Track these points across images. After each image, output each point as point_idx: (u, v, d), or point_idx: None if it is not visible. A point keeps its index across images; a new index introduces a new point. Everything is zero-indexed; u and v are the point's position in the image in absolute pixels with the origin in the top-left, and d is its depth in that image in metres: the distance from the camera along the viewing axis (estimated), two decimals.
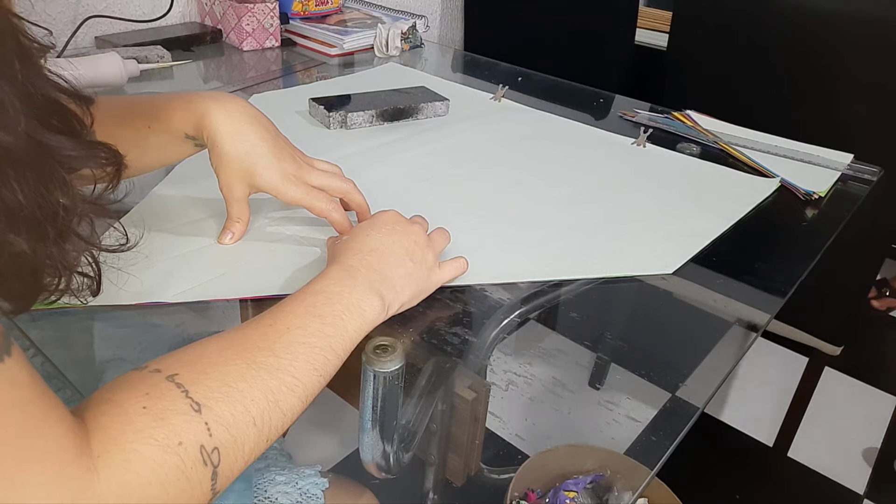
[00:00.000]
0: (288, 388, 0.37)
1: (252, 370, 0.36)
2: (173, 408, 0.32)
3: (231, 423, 0.33)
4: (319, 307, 0.43)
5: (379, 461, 0.49)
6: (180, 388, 0.33)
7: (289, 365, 0.38)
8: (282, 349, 0.38)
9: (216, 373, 0.35)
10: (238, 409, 0.34)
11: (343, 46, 1.22)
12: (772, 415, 1.55)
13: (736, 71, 1.18)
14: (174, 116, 0.57)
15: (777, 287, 0.65)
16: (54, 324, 0.54)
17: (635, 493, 0.50)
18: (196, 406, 0.32)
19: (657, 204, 0.77)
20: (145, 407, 0.32)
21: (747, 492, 1.40)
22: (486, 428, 0.50)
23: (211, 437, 0.32)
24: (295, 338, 0.40)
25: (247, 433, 0.34)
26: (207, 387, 0.34)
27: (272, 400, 0.36)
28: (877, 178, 0.89)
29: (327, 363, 0.41)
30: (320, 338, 0.41)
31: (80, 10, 1.11)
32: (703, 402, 0.53)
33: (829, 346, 1.23)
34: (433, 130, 0.92)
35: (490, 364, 0.54)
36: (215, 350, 0.37)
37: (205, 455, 0.32)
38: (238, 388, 0.35)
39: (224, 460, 0.33)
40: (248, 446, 0.34)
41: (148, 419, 0.31)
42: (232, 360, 0.36)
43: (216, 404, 0.33)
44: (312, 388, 0.39)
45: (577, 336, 0.61)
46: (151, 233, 0.64)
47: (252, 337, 0.39)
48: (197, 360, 0.36)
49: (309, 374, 0.39)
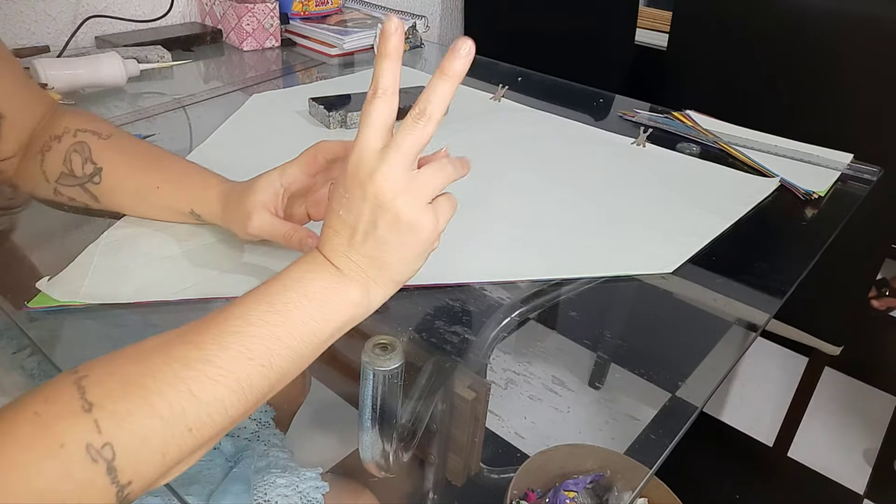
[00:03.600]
0: (209, 377, 0.36)
1: (165, 365, 0.36)
2: (63, 410, 0.32)
3: (125, 417, 0.33)
4: (271, 295, 0.40)
5: (378, 460, 0.49)
6: (80, 391, 0.33)
7: (212, 355, 0.36)
8: (209, 340, 0.37)
9: (123, 372, 0.35)
10: (135, 404, 0.34)
11: (343, 46, 1.22)
12: (772, 415, 1.55)
13: (736, 71, 1.18)
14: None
15: (776, 287, 0.65)
16: (54, 323, 0.54)
17: (635, 493, 0.50)
18: (87, 406, 0.33)
19: (657, 204, 0.77)
20: (37, 412, 0.32)
21: (747, 492, 1.40)
22: (486, 427, 0.50)
23: (100, 434, 0.32)
24: (230, 327, 0.38)
25: (149, 426, 0.34)
26: (106, 386, 0.34)
27: (184, 390, 0.35)
28: (877, 178, 0.89)
29: (270, 352, 0.38)
30: (260, 326, 0.38)
31: (80, 10, 1.11)
32: (702, 402, 0.53)
33: (829, 346, 1.23)
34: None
35: (490, 363, 0.54)
36: (140, 349, 0.37)
37: (93, 452, 0.32)
38: (141, 383, 0.34)
39: (122, 453, 0.33)
40: (156, 440, 0.34)
41: (34, 427, 0.32)
42: (147, 355, 0.36)
43: (110, 402, 0.33)
44: (250, 379, 0.37)
45: (576, 335, 0.61)
46: (151, 231, 0.64)
47: (188, 333, 0.38)
48: (113, 360, 0.36)
49: (242, 363, 0.37)
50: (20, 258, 0.64)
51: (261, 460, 0.61)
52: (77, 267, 0.58)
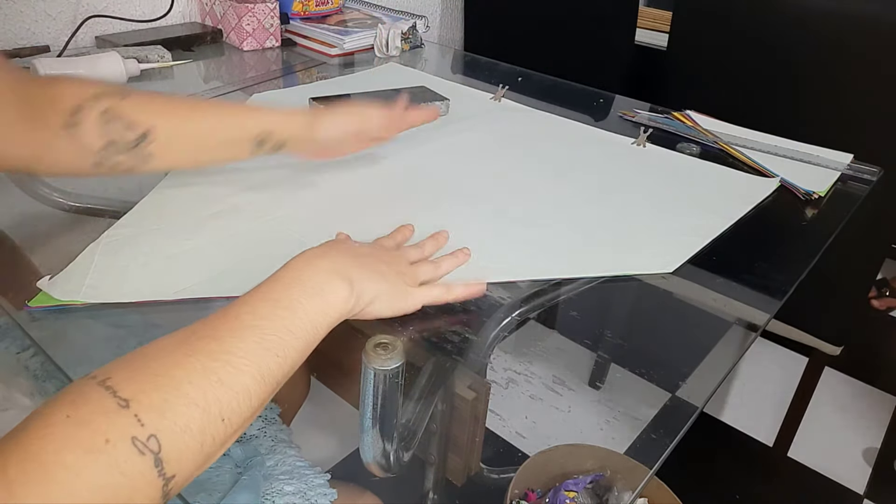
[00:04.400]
0: (234, 367, 0.37)
1: (189, 357, 0.36)
2: (98, 409, 0.32)
3: (165, 408, 0.33)
4: (275, 292, 0.43)
5: (379, 460, 0.49)
6: (109, 391, 0.33)
7: (233, 347, 0.38)
8: (226, 334, 0.38)
9: (148, 369, 0.35)
10: (172, 394, 0.34)
11: (343, 46, 1.22)
12: (772, 415, 1.55)
13: (736, 71, 1.18)
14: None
15: (777, 287, 0.65)
16: (55, 323, 0.54)
17: (635, 493, 0.50)
18: (123, 402, 0.33)
19: (657, 204, 0.77)
20: (69, 416, 0.32)
21: (747, 492, 1.40)
22: (486, 427, 0.50)
23: (143, 427, 0.32)
24: (242, 323, 0.40)
25: (188, 414, 0.34)
26: (137, 382, 0.34)
27: (214, 380, 0.36)
28: (877, 178, 0.89)
29: (283, 343, 0.40)
30: (272, 319, 0.41)
31: (80, 10, 1.11)
32: (702, 402, 0.53)
33: (829, 346, 1.23)
34: (433, 130, 0.92)
35: (490, 363, 0.54)
36: (156, 348, 0.37)
37: (139, 445, 0.32)
38: (170, 374, 0.35)
39: (166, 444, 0.33)
40: (196, 427, 0.34)
41: (70, 427, 0.31)
42: (169, 352, 0.37)
43: (145, 396, 0.33)
44: (269, 369, 0.39)
45: (577, 335, 0.61)
46: (152, 230, 0.64)
47: (199, 330, 0.39)
48: (132, 361, 0.36)
49: (261, 353, 0.39)
50: (20, 258, 0.64)
51: (269, 458, 0.61)
52: (77, 266, 0.58)
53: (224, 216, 0.67)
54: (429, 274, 0.57)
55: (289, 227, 0.66)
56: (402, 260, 0.56)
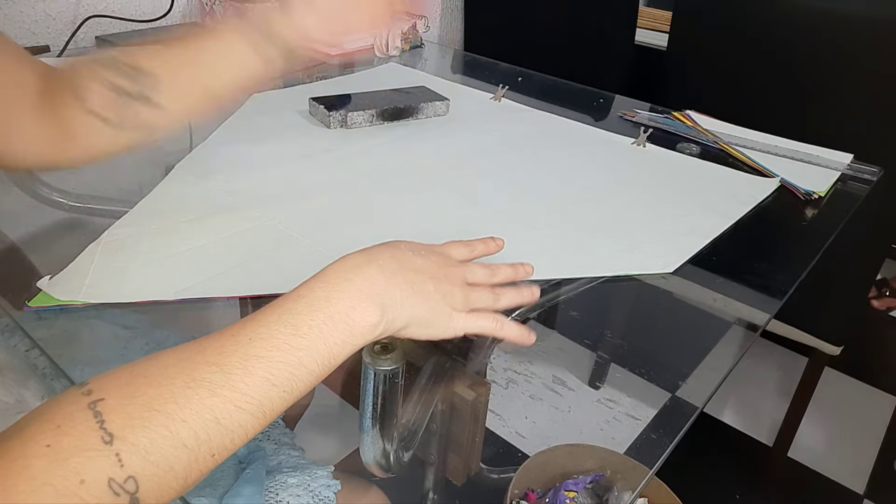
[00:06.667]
0: (234, 405, 0.35)
1: (189, 389, 0.35)
2: (80, 444, 0.31)
3: (151, 449, 0.32)
4: (296, 315, 0.39)
5: (379, 460, 0.49)
6: (97, 418, 0.32)
7: (238, 381, 0.36)
8: (235, 363, 0.36)
9: (145, 396, 0.34)
10: (160, 434, 0.33)
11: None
12: (772, 415, 1.55)
13: (736, 71, 1.18)
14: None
15: (777, 287, 0.65)
16: (58, 323, 0.54)
17: (635, 493, 0.50)
18: (108, 437, 0.32)
19: (657, 204, 0.77)
20: (49, 445, 0.31)
21: (747, 492, 1.40)
22: (487, 427, 0.50)
23: (122, 468, 0.31)
24: (254, 350, 0.37)
25: (174, 455, 0.33)
26: (127, 412, 0.33)
27: (210, 418, 0.35)
28: (877, 178, 0.89)
29: (293, 378, 0.38)
30: (286, 351, 0.38)
31: (80, 10, 1.11)
32: (702, 402, 0.53)
33: (829, 346, 1.23)
34: (433, 130, 0.92)
35: (490, 363, 0.54)
36: (159, 367, 0.36)
37: (115, 486, 0.31)
38: (164, 410, 0.34)
39: (145, 484, 0.32)
40: (180, 468, 0.33)
41: (46, 461, 0.30)
42: (171, 377, 0.35)
43: (132, 432, 0.32)
44: (272, 404, 0.37)
45: (577, 335, 0.61)
46: (152, 230, 0.64)
47: (207, 350, 0.37)
48: (132, 380, 0.35)
49: (266, 389, 0.37)
50: (20, 258, 0.64)
51: (272, 459, 0.61)
52: (78, 266, 0.58)
53: (224, 216, 0.67)
54: (485, 303, 0.49)
55: (289, 226, 0.66)
56: (459, 279, 0.48)
